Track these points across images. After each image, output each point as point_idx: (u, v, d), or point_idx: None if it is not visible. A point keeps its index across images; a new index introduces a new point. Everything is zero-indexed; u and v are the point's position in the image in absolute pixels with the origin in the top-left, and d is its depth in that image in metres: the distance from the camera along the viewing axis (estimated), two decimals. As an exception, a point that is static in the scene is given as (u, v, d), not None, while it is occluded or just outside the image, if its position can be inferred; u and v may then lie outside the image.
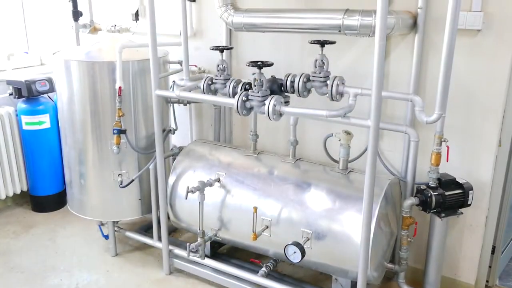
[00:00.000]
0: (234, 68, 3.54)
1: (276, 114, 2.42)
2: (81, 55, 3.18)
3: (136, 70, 3.13)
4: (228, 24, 3.02)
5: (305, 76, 2.59)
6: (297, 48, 3.21)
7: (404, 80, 2.85)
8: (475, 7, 2.55)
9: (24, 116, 3.97)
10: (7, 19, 4.54)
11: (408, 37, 2.80)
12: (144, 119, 3.24)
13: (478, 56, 2.63)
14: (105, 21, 3.96)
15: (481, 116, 2.71)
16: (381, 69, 2.10)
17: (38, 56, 4.71)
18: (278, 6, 3.08)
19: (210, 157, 3.18)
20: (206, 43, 3.57)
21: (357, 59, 3.01)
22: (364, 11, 2.53)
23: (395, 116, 2.96)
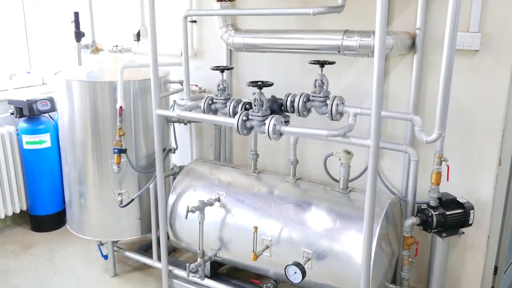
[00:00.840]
0: (235, 87, 3.56)
1: (276, 133, 2.43)
2: (82, 75, 3.21)
3: (137, 89, 3.15)
4: (229, 45, 3.06)
5: (305, 96, 2.61)
6: (297, 68, 3.24)
7: (404, 99, 2.87)
8: (473, 28, 2.58)
9: (25, 135, 3.98)
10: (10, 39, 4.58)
11: (407, 57, 2.83)
12: (145, 139, 3.25)
13: (476, 76, 2.65)
14: (107, 42, 4.00)
15: (481, 135, 2.71)
16: (381, 89, 2.11)
17: (40, 76, 4.75)
18: (278, 27, 3.12)
19: (210, 176, 3.17)
20: (206, 63, 3.60)
21: (356, 79, 3.04)
22: (363, 32, 2.56)
23: (395, 135, 2.96)
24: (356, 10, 2.81)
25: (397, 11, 2.81)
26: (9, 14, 4.53)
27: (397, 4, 2.80)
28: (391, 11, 2.78)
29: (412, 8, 2.74)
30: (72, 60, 4.12)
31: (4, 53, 4.53)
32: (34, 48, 4.73)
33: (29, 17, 4.64)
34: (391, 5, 2.75)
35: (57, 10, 4.46)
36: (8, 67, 4.37)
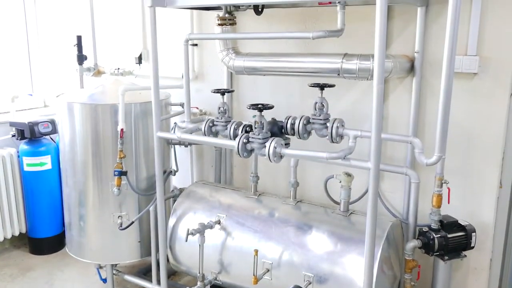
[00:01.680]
0: (235, 110, 3.58)
1: (276, 156, 2.43)
2: (84, 98, 3.23)
3: (138, 112, 3.17)
4: (229, 68, 3.09)
5: (305, 119, 2.62)
6: (297, 91, 3.26)
7: (403, 122, 2.88)
8: (471, 51, 2.61)
9: (26, 158, 3.98)
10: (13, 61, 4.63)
11: (406, 80, 2.85)
12: (145, 161, 3.25)
13: (475, 98, 2.67)
14: (109, 64, 4.03)
15: (481, 158, 2.71)
16: (380, 111, 2.12)
17: (42, 98, 4.78)
18: (278, 50, 3.16)
19: (210, 198, 3.17)
20: (207, 86, 3.63)
21: (356, 101, 3.06)
22: (362, 55, 2.59)
23: (395, 158, 2.97)
24: (355, 33, 2.85)
25: (395, 35, 2.84)
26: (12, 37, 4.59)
27: (395, 27, 2.84)
28: (389, 35, 2.81)
29: (410, 31, 2.77)
30: (74, 83, 4.17)
31: (7, 75, 4.57)
32: (36, 70, 4.77)
33: (32, 40, 4.69)
34: (389, 28, 2.79)
35: (60, 33, 4.52)
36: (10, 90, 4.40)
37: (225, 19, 2.97)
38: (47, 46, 4.68)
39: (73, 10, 4.36)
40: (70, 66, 4.21)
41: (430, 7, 2.68)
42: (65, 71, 4.47)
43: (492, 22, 2.54)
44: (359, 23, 2.82)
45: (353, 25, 2.77)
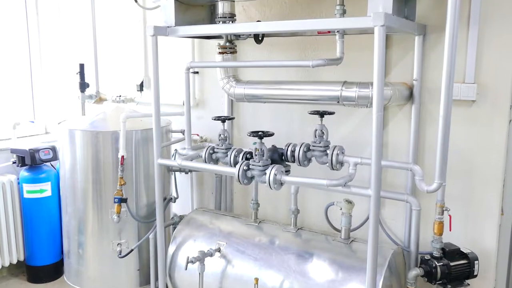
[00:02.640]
0: (236, 137, 3.60)
1: (277, 183, 2.44)
2: (85, 125, 3.25)
3: (139, 139, 3.19)
4: (230, 95, 3.12)
5: (305, 146, 2.63)
6: (297, 118, 3.28)
7: (403, 148, 2.89)
8: (469, 79, 2.64)
9: (26, 184, 3.97)
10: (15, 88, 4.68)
11: (405, 107, 2.87)
12: (146, 188, 3.25)
13: (474, 125, 2.68)
14: (111, 92, 4.08)
15: (482, 185, 2.71)
16: (380, 139, 2.14)
17: (43, 125, 4.80)
18: (278, 78, 3.20)
19: (210, 226, 3.15)
20: (208, 113, 3.66)
21: (356, 129, 3.07)
22: (361, 83, 2.62)
23: (395, 184, 2.96)
24: (354, 61, 2.88)
25: (394, 63, 2.88)
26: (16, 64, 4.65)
27: (394, 56, 2.87)
28: (388, 63, 2.85)
29: (408, 59, 2.81)
30: (75, 110, 4.19)
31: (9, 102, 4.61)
32: (38, 97, 4.81)
33: (35, 68, 4.75)
34: (388, 57, 2.83)
35: (62, 60, 4.58)
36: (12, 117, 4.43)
37: (226, 48, 3.02)
38: (49, 74, 4.73)
39: (76, 38, 4.43)
40: (72, 94, 4.25)
41: (428, 36, 2.72)
42: (67, 98, 4.51)
43: (489, 51, 2.58)
44: (358, 51, 2.87)
45: (352, 54, 2.82)
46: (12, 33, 4.58)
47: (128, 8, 3.93)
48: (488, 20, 2.55)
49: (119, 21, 4.12)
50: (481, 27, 2.57)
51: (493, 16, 2.54)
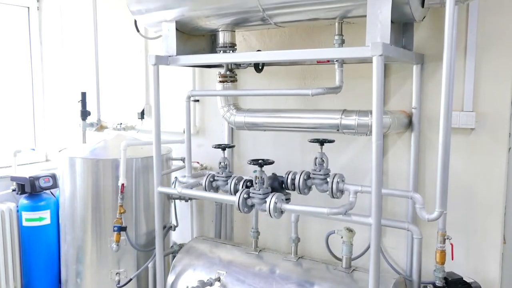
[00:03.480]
0: (236, 164, 3.60)
1: (277, 211, 2.43)
2: (86, 152, 3.26)
3: (139, 167, 3.19)
4: (230, 123, 3.14)
5: (305, 174, 2.63)
6: (297, 146, 3.29)
7: (403, 176, 2.89)
8: (467, 107, 2.66)
9: (25, 212, 3.95)
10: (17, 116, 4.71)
11: (404, 135, 2.89)
12: (145, 216, 3.24)
13: (474, 153, 2.69)
14: (112, 119, 4.11)
15: (483, 213, 2.70)
16: (380, 166, 2.14)
17: (44, 153, 4.82)
18: (278, 106, 3.22)
19: (210, 255, 3.12)
20: (208, 140, 3.67)
21: (356, 156, 3.08)
22: (360, 111, 2.64)
23: (396, 212, 2.95)
24: (354, 90, 2.91)
25: (392, 91, 2.91)
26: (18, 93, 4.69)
27: (392, 84, 2.90)
28: (387, 91, 2.88)
29: (407, 87, 2.84)
30: (76, 138, 4.21)
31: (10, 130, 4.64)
32: (39, 125, 4.84)
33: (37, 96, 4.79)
34: (386, 85, 2.86)
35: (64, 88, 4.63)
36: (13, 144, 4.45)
37: (226, 77, 3.05)
38: (51, 101, 4.78)
39: (78, 66, 4.49)
40: (74, 121, 4.28)
41: (425, 65, 2.76)
42: (68, 126, 4.54)
43: (486, 80, 2.61)
44: (357, 80, 2.90)
45: (352, 82, 2.85)
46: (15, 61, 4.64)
47: (130, 38, 3.99)
48: (485, 50, 2.59)
49: (121, 50, 4.18)
50: (478, 56, 2.61)
51: (489, 47, 2.58)
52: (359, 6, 2.31)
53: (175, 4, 2.74)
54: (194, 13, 2.77)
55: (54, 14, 4.63)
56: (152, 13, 2.90)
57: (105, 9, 4.12)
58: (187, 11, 2.77)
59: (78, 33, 4.47)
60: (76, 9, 4.47)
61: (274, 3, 2.49)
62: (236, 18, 2.74)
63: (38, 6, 4.71)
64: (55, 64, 4.69)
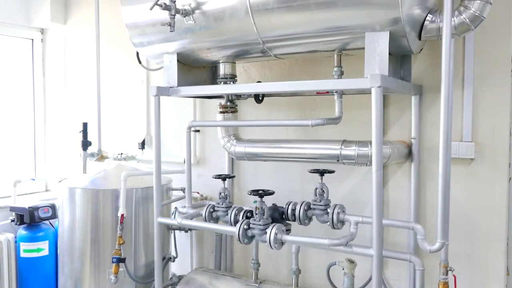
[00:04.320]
0: (236, 195, 3.59)
1: (277, 243, 2.41)
2: (86, 183, 3.26)
3: (139, 197, 3.19)
4: (231, 154, 3.15)
5: (306, 204, 2.63)
6: (297, 176, 3.29)
7: (404, 207, 2.88)
8: (466, 138, 2.67)
9: (23, 243, 3.91)
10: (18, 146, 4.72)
11: (404, 165, 2.89)
12: (145, 247, 3.20)
13: (474, 184, 2.69)
14: (112, 149, 4.12)
15: (486, 244, 2.67)
16: (380, 197, 2.14)
17: (44, 183, 4.81)
18: (278, 136, 3.24)
19: (210, 287, 3.08)
20: (209, 171, 3.67)
21: (356, 187, 3.07)
22: (360, 142, 2.65)
23: (397, 243, 2.92)
24: (353, 120, 2.93)
25: (392, 121, 2.93)
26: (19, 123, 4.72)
27: (391, 114, 2.93)
28: (386, 122, 2.90)
29: (406, 118, 2.86)
30: (77, 168, 4.21)
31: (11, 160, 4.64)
32: (40, 155, 4.85)
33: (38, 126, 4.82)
34: (385, 116, 2.88)
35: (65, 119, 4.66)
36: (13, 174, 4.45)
37: (227, 107, 3.08)
38: (52, 131, 4.80)
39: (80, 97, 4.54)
40: (74, 151, 4.29)
41: (424, 96, 2.79)
42: (69, 156, 4.55)
43: (484, 110, 2.63)
44: (357, 110, 2.92)
45: (351, 112, 2.87)
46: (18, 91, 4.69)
47: (131, 69, 4.05)
48: (482, 81, 2.63)
49: (122, 81, 4.23)
50: (475, 87, 2.64)
51: (486, 77, 2.62)
52: (358, 39, 2.35)
53: (177, 37, 2.79)
54: (195, 45, 2.82)
55: (57, 46, 4.71)
56: (154, 45, 2.95)
57: (107, 41, 4.19)
58: (189, 43, 2.82)
59: (81, 64, 4.53)
60: (79, 41, 4.55)
61: (274, 36, 2.54)
62: (237, 50, 2.78)
63: (42, 38, 4.80)
64: (57, 94, 4.74)
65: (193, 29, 2.71)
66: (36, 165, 4.86)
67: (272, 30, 2.51)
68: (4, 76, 4.58)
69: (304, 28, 2.42)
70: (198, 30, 2.70)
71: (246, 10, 2.47)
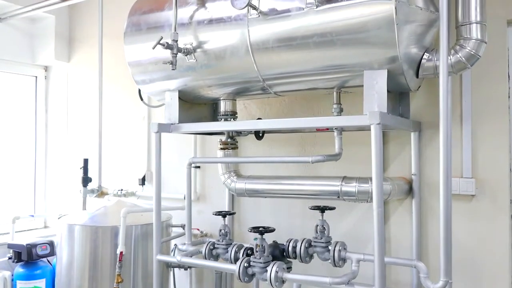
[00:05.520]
0: (236, 231, 3.56)
1: (278, 281, 2.37)
2: (85, 219, 3.24)
3: (138, 234, 3.16)
4: (231, 190, 3.14)
5: (306, 242, 2.61)
6: (298, 213, 3.27)
7: (406, 244, 2.85)
8: (466, 174, 2.67)
9: (20, 281, 3.85)
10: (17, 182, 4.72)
11: (405, 202, 2.88)
12: (143, 285, 3.15)
13: (476, 220, 2.67)
14: (113, 185, 4.11)
15: (489, 282, 2.63)
16: (382, 234, 2.12)
17: (43, 219, 4.78)
18: (278, 173, 3.24)
19: (209, 326, 3.01)
20: (209, 207, 3.65)
21: (357, 223, 3.05)
22: (360, 178, 2.65)
23: (400, 281, 2.87)
24: (353, 156, 2.94)
25: (391, 158, 2.94)
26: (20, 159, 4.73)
27: (391, 151, 2.94)
28: (386, 158, 2.90)
29: (406, 154, 2.87)
30: (77, 204, 4.20)
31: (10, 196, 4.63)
32: (40, 191, 4.84)
33: (39, 163, 4.83)
34: (385, 152, 2.89)
35: (66, 155, 4.67)
36: (12, 210, 4.42)
37: (228, 144, 3.10)
38: (52, 168, 4.81)
39: (81, 133, 4.57)
40: (74, 188, 4.29)
41: (423, 132, 2.81)
42: (69, 193, 4.54)
43: (484, 146, 2.65)
44: (357, 146, 2.94)
45: (351, 149, 2.88)
46: (20, 127, 4.73)
47: (133, 106, 4.10)
48: (480, 117, 2.65)
49: (124, 118, 4.27)
50: (474, 123, 2.67)
51: (484, 114, 2.65)
52: (356, 77, 2.39)
53: (179, 75, 2.84)
54: (196, 83, 2.87)
55: (60, 83, 4.79)
56: (156, 83, 3.00)
57: (109, 79, 4.25)
58: (190, 81, 2.86)
59: (83, 101, 4.59)
60: (82, 78, 4.63)
61: (274, 74, 2.58)
62: (238, 88, 2.82)
63: (46, 75, 4.88)
64: (59, 131, 4.78)
65: (194, 67, 2.76)
66: (36, 201, 4.84)
67: (272, 68, 2.55)
68: (7, 112, 4.62)
69: (304, 66, 2.46)
70: (200, 68, 2.75)
71: (247, 48, 2.52)
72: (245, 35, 2.51)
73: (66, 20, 4.72)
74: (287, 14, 2.38)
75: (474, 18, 2.29)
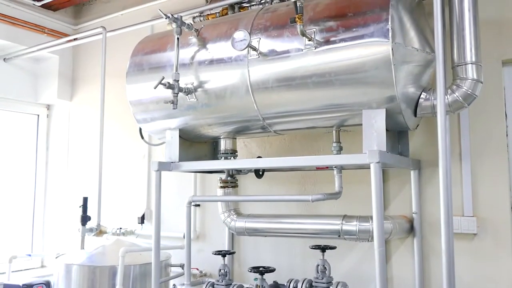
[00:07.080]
0: (236, 271, 3.50)
1: (279, 323, 2.32)
2: (83, 259, 3.20)
3: (137, 274, 3.11)
4: (231, 229, 3.11)
5: (307, 282, 2.57)
6: (298, 252, 3.23)
7: (409, 283, 2.80)
8: (467, 212, 2.66)
9: (12, 325, 3.76)
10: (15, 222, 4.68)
11: (407, 240, 2.85)
12: (141, 328, 3.08)
13: (479, 259, 2.64)
14: (111, 224, 4.07)
15: (495, 323, 2.58)
16: (384, 274, 2.09)
17: (40, 258, 4.70)
18: (278, 211, 3.22)
19: None
20: (208, 246, 3.61)
21: (359, 262, 3.01)
22: (361, 217, 2.64)
23: (404, 323, 2.81)
24: (353, 195, 2.94)
25: (392, 196, 2.93)
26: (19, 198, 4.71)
27: (391, 189, 2.93)
28: (386, 196, 2.90)
29: (406, 192, 2.87)
30: (75, 243, 4.15)
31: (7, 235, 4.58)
32: (38, 230, 4.78)
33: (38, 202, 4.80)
34: (385, 190, 2.89)
35: (65, 194, 4.66)
36: (9, 249, 4.37)
37: (228, 182, 3.10)
38: (51, 207, 4.78)
39: (81, 171, 4.57)
40: (73, 226, 4.25)
41: (422, 170, 2.82)
42: (67, 231, 4.50)
43: (484, 185, 2.65)
44: (357, 185, 2.94)
45: (351, 187, 2.88)
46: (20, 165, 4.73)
47: (133, 144, 4.12)
48: (479, 155, 2.67)
49: (124, 156, 4.28)
50: (473, 162, 2.68)
51: (483, 151, 2.66)
52: (355, 116, 2.42)
53: (179, 114, 2.87)
54: (197, 122, 2.89)
55: (62, 121, 4.83)
56: (157, 122, 3.03)
57: (110, 118, 4.28)
58: (191, 120, 2.89)
59: (84, 139, 4.62)
60: (83, 117, 4.67)
61: (273, 113, 2.62)
62: (238, 127, 2.85)
63: (48, 113, 4.93)
64: (59, 169, 4.78)
65: (195, 107, 2.79)
66: (34, 240, 4.78)
67: (272, 108, 2.59)
68: (8, 150, 4.64)
69: (303, 105, 2.49)
70: (200, 108, 2.78)
71: (247, 88, 2.57)
72: (245, 75, 2.56)
73: (69, 60, 4.81)
74: (286, 55, 2.44)
75: (469, 59, 2.33)
